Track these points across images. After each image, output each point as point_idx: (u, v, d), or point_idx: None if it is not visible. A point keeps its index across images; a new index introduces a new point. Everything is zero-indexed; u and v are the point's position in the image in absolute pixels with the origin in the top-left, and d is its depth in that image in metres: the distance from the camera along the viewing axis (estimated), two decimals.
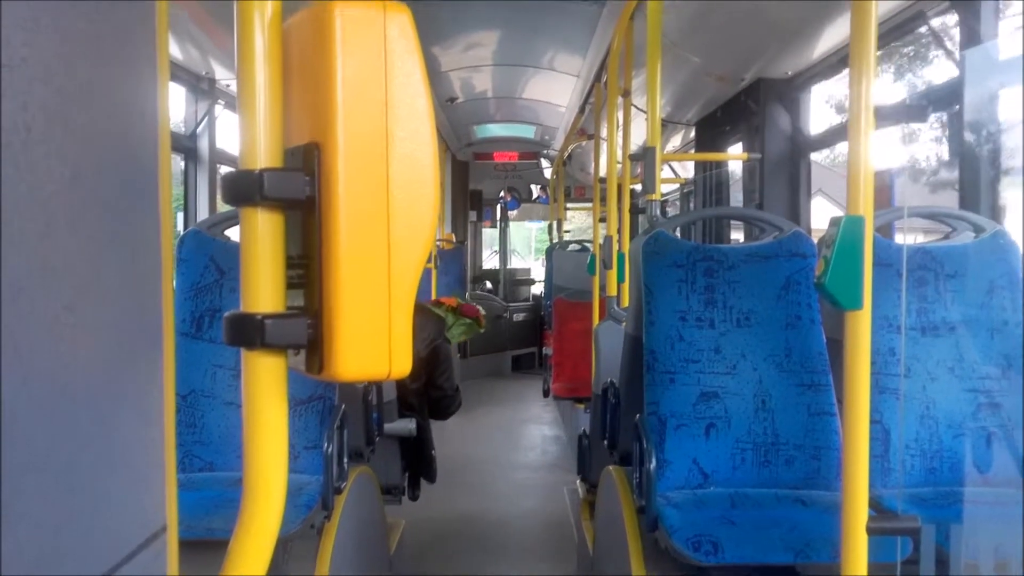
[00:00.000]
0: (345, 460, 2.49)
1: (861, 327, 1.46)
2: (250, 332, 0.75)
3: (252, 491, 0.79)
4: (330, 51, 0.72)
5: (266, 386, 0.78)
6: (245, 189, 0.75)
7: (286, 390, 0.80)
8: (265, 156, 0.76)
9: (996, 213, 2.70)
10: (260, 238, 0.76)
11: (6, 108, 0.44)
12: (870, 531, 1.44)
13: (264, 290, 0.76)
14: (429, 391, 3.61)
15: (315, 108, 0.74)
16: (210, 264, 2.64)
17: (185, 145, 4.11)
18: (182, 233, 2.73)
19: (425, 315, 3.62)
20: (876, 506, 2.11)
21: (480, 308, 4.51)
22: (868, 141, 1.42)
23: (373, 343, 0.74)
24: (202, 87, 4.10)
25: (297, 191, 0.74)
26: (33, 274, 0.47)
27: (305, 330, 0.75)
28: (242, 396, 0.79)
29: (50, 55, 0.48)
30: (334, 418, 2.44)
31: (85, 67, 0.53)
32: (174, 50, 3.71)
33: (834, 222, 1.46)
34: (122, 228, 0.59)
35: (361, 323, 0.73)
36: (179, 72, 3.89)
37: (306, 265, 0.76)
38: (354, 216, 0.73)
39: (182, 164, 4.17)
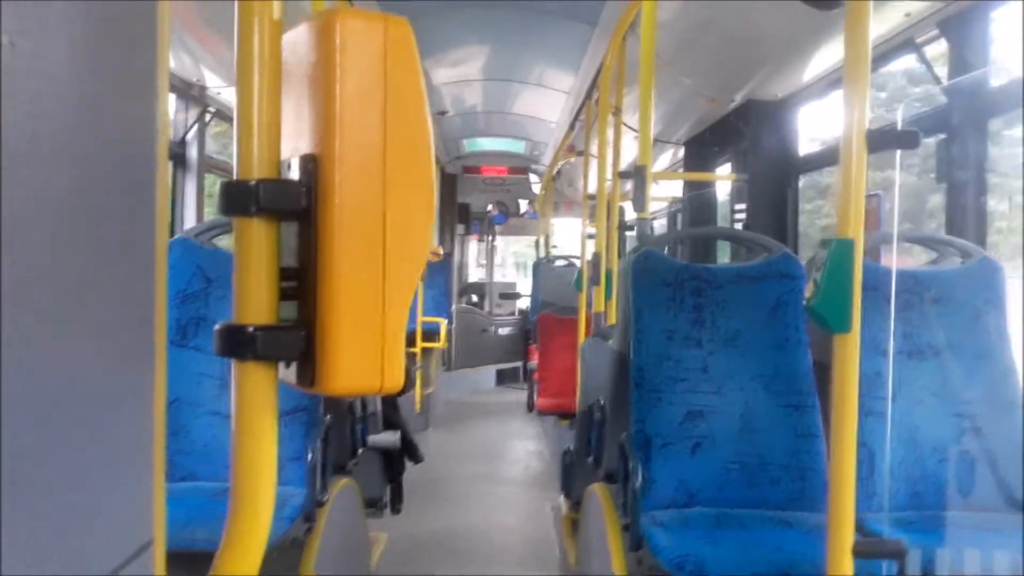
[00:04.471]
0: (328, 472, 2.48)
1: (850, 350, 1.46)
2: (241, 344, 0.75)
3: (239, 504, 0.78)
4: (330, 62, 0.72)
5: (256, 398, 0.77)
6: (241, 199, 0.74)
7: (276, 402, 0.79)
8: (262, 167, 0.75)
9: (982, 239, 2.72)
10: (254, 249, 0.76)
11: (13, 117, 0.44)
12: (856, 553, 1.44)
13: (257, 301, 0.76)
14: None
15: (313, 119, 0.74)
16: (197, 272, 2.62)
17: (174, 152, 4.09)
18: (169, 240, 2.71)
19: None
20: (860, 529, 2.10)
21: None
22: (861, 165, 1.43)
23: (366, 357, 0.74)
24: (193, 94, 4.09)
25: (293, 202, 0.74)
26: (35, 282, 0.46)
27: (297, 342, 0.75)
28: (231, 407, 0.78)
29: (56, 66, 0.48)
30: (319, 430, 2.43)
31: (89, 78, 0.52)
32: None
33: (825, 244, 1.47)
34: (119, 236, 0.59)
35: (355, 336, 0.73)
36: (170, 79, 3.87)
37: (300, 277, 0.76)
38: (350, 228, 0.72)
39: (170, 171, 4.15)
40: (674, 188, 6.52)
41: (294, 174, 0.75)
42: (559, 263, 8.67)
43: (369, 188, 0.73)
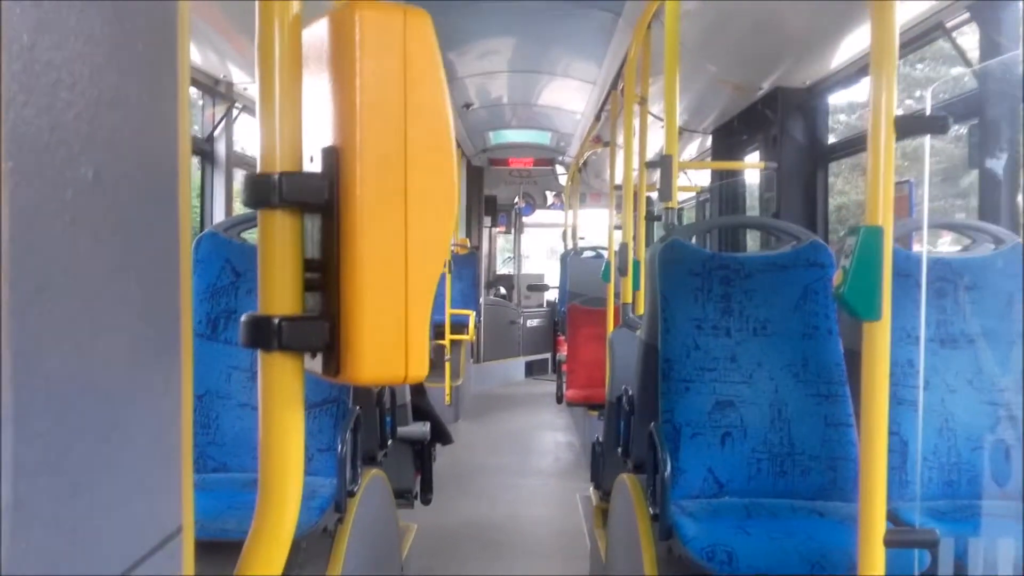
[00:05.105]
0: (359, 463, 2.50)
1: (879, 338, 1.44)
2: (267, 334, 0.75)
3: (267, 493, 0.79)
4: (350, 55, 0.72)
5: (283, 388, 0.78)
6: (264, 192, 0.75)
7: (303, 392, 0.80)
8: (284, 159, 0.76)
9: (1016, 224, 2.68)
10: (278, 241, 0.76)
11: (31, 111, 0.44)
12: (887, 543, 1.43)
13: (281, 293, 0.77)
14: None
15: (335, 112, 0.74)
16: (226, 266, 2.65)
17: (202, 148, 4.13)
18: (199, 235, 2.74)
19: None
20: (893, 519, 2.08)
21: None
22: (889, 152, 1.41)
23: (391, 346, 0.74)
24: (220, 90, 4.13)
25: (316, 195, 0.74)
26: (55, 276, 0.47)
27: (322, 333, 0.75)
28: (258, 398, 0.79)
29: (75, 59, 0.49)
30: (348, 421, 2.44)
31: (108, 71, 0.53)
32: (192, 54, 3.73)
33: (853, 232, 1.45)
34: (142, 230, 0.59)
35: (379, 326, 0.73)
36: (197, 75, 3.91)
37: (324, 268, 0.76)
38: (373, 219, 0.73)
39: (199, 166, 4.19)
40: (703, 177, 6.47)
41: (316, 167, 0.76)
42: (587, 254, 8.66)
43: (390, 179, 0.73)
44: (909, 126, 1.48)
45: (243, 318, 0.77)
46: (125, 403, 0.57)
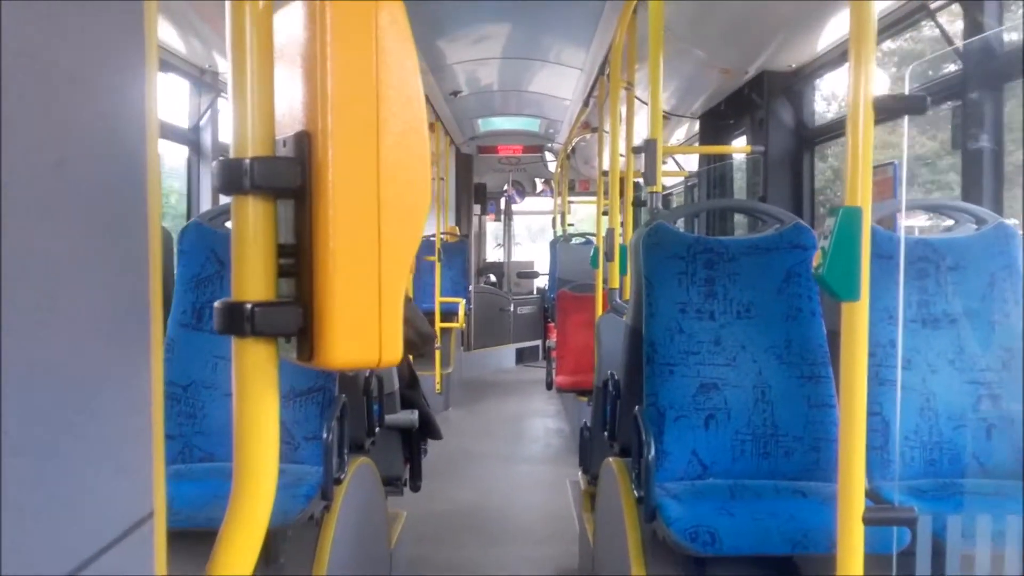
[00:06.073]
0: (345, 451, 2.50)
1: (859, 318, 1.45)
2: (240, 320, 0.75)
3: (242, 481, 0.79)
4: (321, 40, 0.72)
5: (256, 374, 0.78)
6: (236, 177, 0.75)
7: (277, 378, 0.80)
8: (256, 144, 0.76)
9: (998, 205, 2.70)
10: (251, 226, 0.76)
11: None
12: (866, 521, 1.44)
13: (254, 278, 0.77)
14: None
15: (306, 97, 0.74)
16: (211, 256, 2.64)
17: (189, 138, 4.12)
18: (184, 225, 2.73)
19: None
20: (876, 497, 2.10)
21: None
22: (868, 132, 1.42)
23: (364, 330, 0.74)
24: (205, 80, 4.11)
25: (288, 179, 0.75)
26: (21, 265, 0.47)
27: (295, 318, 0.75)
28: (232, 384, 0.79)
29: (38, 42, 0.49)
30: (334, 409, 2.45)
31: (73, 54, 0.53)
32: (177, 43, 3.71)
33: (832, 213, 1.46)
34: (109, 216, 0.60)
35: (352, 310, 0.74)
36: (182, 65, 3.89)
37: (297, 253, 0.77)
38: (345, 204, 0.73)
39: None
40: (692, 163, 6.48)
41: (289, 152, 0.76)
42: (576, 241, 8.66)
43: (362, 164, 0.73)
44: (888, 107, 1.48)
45: (216, 304, 0.77)
46: (94, 390, 0.58)
